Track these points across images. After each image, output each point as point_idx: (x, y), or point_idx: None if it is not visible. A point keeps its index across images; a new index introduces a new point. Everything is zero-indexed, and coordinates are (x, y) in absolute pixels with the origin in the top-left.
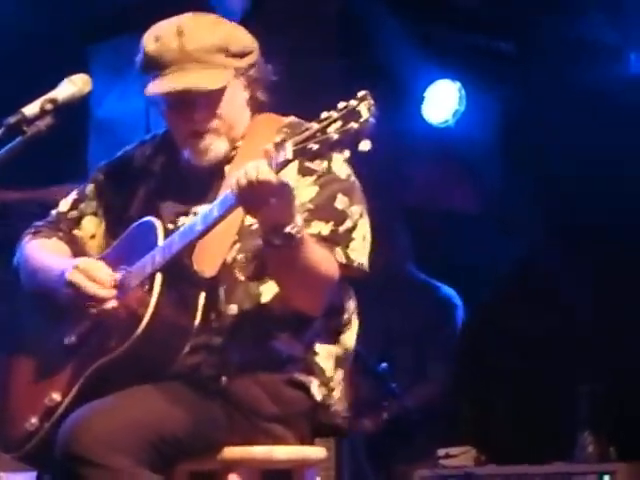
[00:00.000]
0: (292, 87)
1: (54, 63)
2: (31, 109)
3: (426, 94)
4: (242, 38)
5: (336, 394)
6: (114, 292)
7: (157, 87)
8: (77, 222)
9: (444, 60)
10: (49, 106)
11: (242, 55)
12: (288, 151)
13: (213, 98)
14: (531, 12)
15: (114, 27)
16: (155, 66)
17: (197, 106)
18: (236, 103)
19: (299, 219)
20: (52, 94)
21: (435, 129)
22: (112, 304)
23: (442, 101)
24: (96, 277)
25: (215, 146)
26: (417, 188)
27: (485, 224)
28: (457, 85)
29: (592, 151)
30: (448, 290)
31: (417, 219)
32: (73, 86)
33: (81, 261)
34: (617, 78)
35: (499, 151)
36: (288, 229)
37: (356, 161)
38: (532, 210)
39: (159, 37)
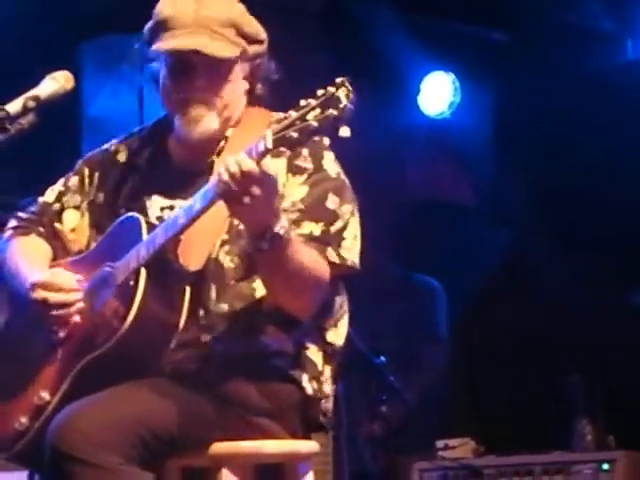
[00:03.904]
0: (282, 82)
1: (45, 61)
2: (14, 106)
3: (422, 86)
4: (255, 24)
5: (326, 388)
6: (79, 294)
7: (166, 44)
8: (59, 215)
9: (438, 51)
10: (31, 103)
11: (252, 40)
12: (268, 140)
13: (216, 70)
14: (525, 0)
15: (106, 25)
16: (167, 26)
17: (198, 74)
18: (236, 86)
19: (285, 220)
20: (34, 91)
21: (432, 121)
22: (80, 305)
23: (438, 93)
24: (59, 286)
25: (207, 119)
26: (413, 180)
27: (480, 216)
28: (451, 77)
29: (590, 140)
30: (426, 278)
31: (412, 211)
32: (55, 83)
33: (40, 280)
34: (614, 65)
35: (494, 142)
36: (275, 229)
37: (350, 155)
38: (525, 202)
39: (176, 1)
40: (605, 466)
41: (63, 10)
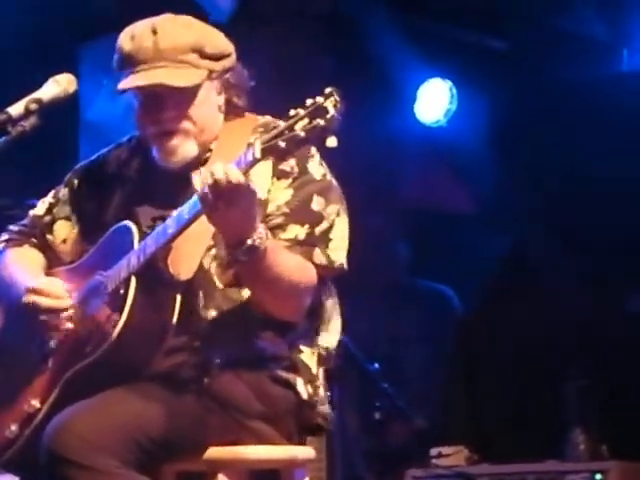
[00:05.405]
0: (281, 85)
1: (44, 63)
2: (16, 109)
3: (418, 93)
4: (218, 41)
5: (321, 392)
6: (68, 301)
7: (129, 81)
8: (50, 227)
9: (435, 58)
10: (34, 106)
11: (217, 58)
12: (257, 150)
13: (184, 98)
14: (522, 9)
15: (105, 27)
16: (129, 64)
17: (167, 105)
18: (209, 106)
19: (262, 230)
20: (37, 94)
21: (428, 128)
22: (70, 312)
23: (434, 100)
24: (50, 292)
25: (184, 148)
26: (410, 188)
27: (478, 223)
28: (448, 84)
29: (585, 148)
30: (439, 287)
31: (410, 219)
32: (58, 86)
33: (33, 285)
34: (610, 74)
35: (491, 149)
36: (249, 242)
37: (350, 166)
38: (524, 208)
39: (134, 36)
40: (598, 476)
41: (61, 12)
